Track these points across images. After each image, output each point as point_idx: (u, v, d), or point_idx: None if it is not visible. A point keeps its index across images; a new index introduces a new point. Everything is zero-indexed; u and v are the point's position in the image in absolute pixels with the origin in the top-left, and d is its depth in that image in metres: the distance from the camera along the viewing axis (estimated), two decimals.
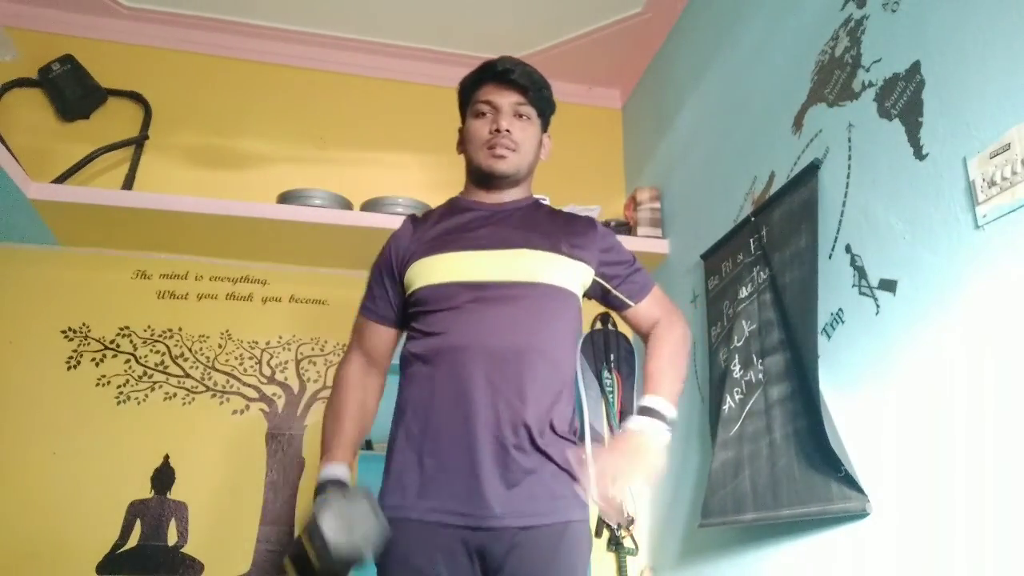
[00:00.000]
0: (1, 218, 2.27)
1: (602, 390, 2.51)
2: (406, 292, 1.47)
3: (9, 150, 2.11)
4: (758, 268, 1.87)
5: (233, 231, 2.38)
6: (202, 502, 2.32)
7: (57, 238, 2.41)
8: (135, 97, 2.61)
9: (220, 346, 2.49)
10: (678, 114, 2.57)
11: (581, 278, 1.49)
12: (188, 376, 2.44)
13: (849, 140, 1.62)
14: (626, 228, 2.64)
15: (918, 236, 1.38)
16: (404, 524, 1.29)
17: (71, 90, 2.50)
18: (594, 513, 1.48)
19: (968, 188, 1.27)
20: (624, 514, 1.33)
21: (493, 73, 1.51)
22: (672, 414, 1.40)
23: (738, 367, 1.89)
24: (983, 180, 1.23)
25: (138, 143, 2.54)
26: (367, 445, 2.33)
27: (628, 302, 1.54)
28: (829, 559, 1.53)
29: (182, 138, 2.63)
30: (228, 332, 2.51)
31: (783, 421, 1.67)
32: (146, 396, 2.38)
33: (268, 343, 2.53)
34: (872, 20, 1.59)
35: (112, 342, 2.41)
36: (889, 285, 1.44)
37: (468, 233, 1.46)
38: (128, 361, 2.41)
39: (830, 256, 1.62)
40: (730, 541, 1.91)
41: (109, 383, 2.37)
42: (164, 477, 2.32)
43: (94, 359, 2.39)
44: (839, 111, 1.66)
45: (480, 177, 1.52)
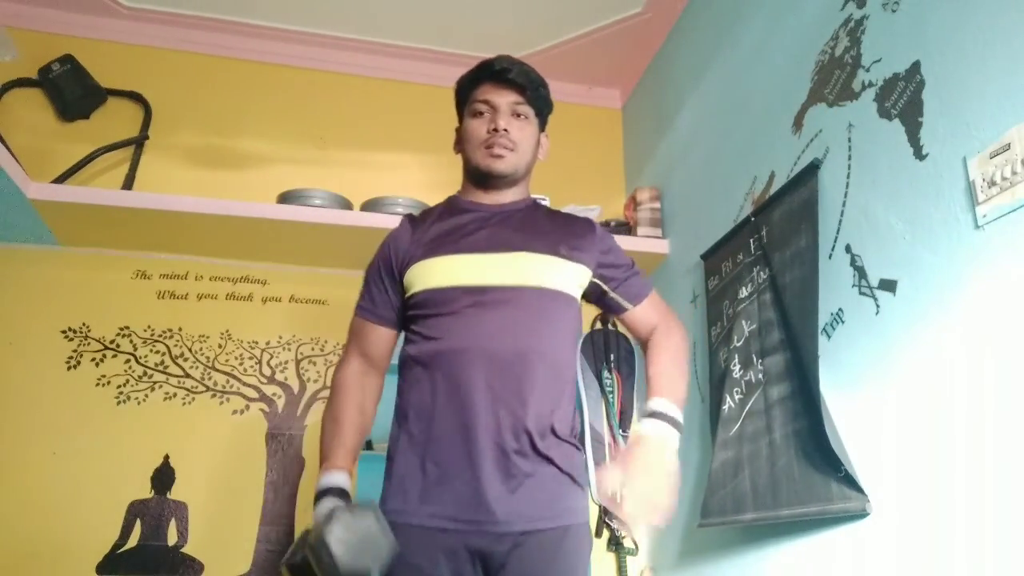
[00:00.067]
0: (1, 218, 2.27)
1: (602, 390, 2.51)
2: (406, 294, 1.47)
3: (9, 150, 2.11)
4: (758, 268, 1.87)
5: (233, 231, 2.38)
6: (202, 502, 2.32)
7: (57, 238, 2.41)
8: (135, 97, 2.61)
9: (220, 346, 2.49)
10: (678, 114, 2.57)
11: (580, 280, 1.48)
12: (188, 376, 2.44)
13: (849, 140, 1.61)
14: (626, 228, 2.64)
15: (918, 236, 1.38)
16: (406, 529, 1.29)
17: (71, 90, 2.50)
18: (594, 514, 1.47)
19: (968, 188, 1.27)
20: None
21: (490, 72, 1.50)
22: (680, 417, 1.38)
23: (738, 367, 1.89)
24: (983, 180, 1.23)
25: (138, 143, 2.54)
26: (367, 445, 2.32)
27: (626, 305, 1.53)
28: (829, 559, 1.53)
29: (182, 138, 2.64)
30: (228, 332, 2.51)
31: (783, 421, 1.67)
32: (146, 396, 2.38)
33: (268, 343, 2.53)
34: (872, 20, 1.59)
35: (112, 342, 2.42)
36: (889, 285, 1.44)
37: (467, 236, 1.46)
38: (128, 361, 2.41)
39: (830, 256, 1.62)
40: (730, 541, 1.91)
41: (109, 383, 2.37)
42: (164, 477, 2.32)
43: (94, 359, 2.39)
44: (839, 111, 1.66)
45: (478, 177, 1.51)
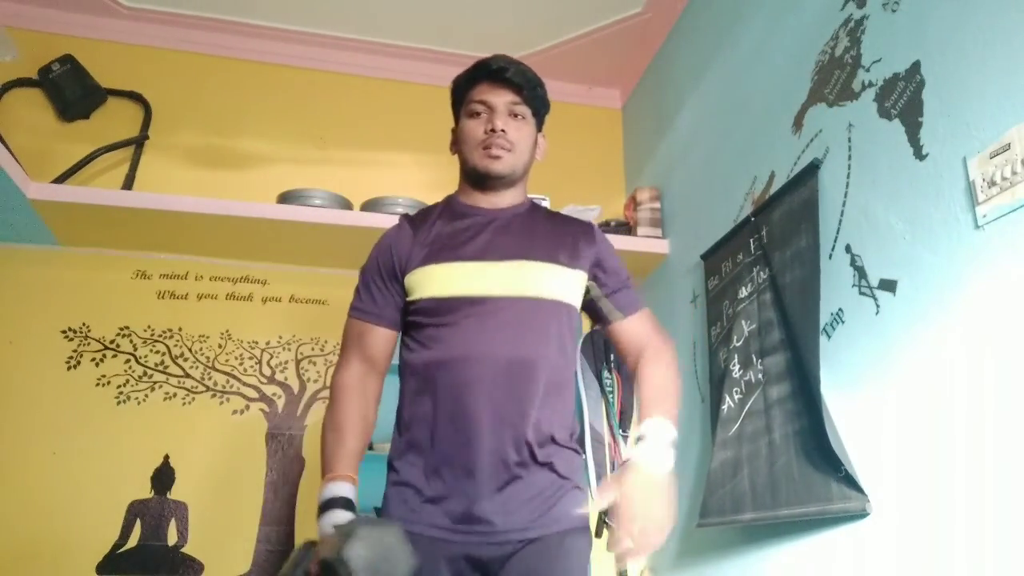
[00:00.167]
0: (1, 218, 2.27)
1: (602, 390, 2.51)
2: (408, 296, 1.45)
3: (9, 150, 2.11)
4: (758, 268, 1.87)
5: (233, 231, 2.38)
6: (202, 502, 2.32)
7: (57, 238, 2.41)
8: (135, 97, 2.61)
9: (220, 346, 2.49)
10: (678, 114, 2.57)
11: (579, 286, 1.47)
12: (188, 376, 2.44)
13: (849, 140, 1.61)
14: (626, 228, 2.64)
15: (918, 236, 1.38)
16: (407, 537, 1.29)
17: (71, 90, 2.50)
18: (594, 515, 1.47)
19: (968, 188, 1.27)
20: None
21: (487, 72, 1.48)
22: (674, 435, 1.33)
23: (737, 367, 1.89)
24: (983, 180, 1.23)
25: (138, 143, 2.54)
26: (367, 446, 2.33)
27: (617, 314, 1.49)
28: (829, 559, 1.53)
29: (182, 138, 2.63)
30: (228, 332, 2.51)
31: (782, 421, 1.67)
32: (146, 396, 2.38)
33: (268, 343, 2.53)
34: (872, 20, 1.59)
35: (112, 342, 2.41)
36: (889, 285, 1.44)
37: (466, 243, 1.44)
38: (128, 361, 2.41)
39: (830, 256, 1.62)
40: (730, 541, 1.91)
41: (109, 383, 2.37)
42: (164, 477, 2.32)
43: (94, 359, 2.39)
44: (839, 111, 1.66)
45: (476, 178, 1.50)
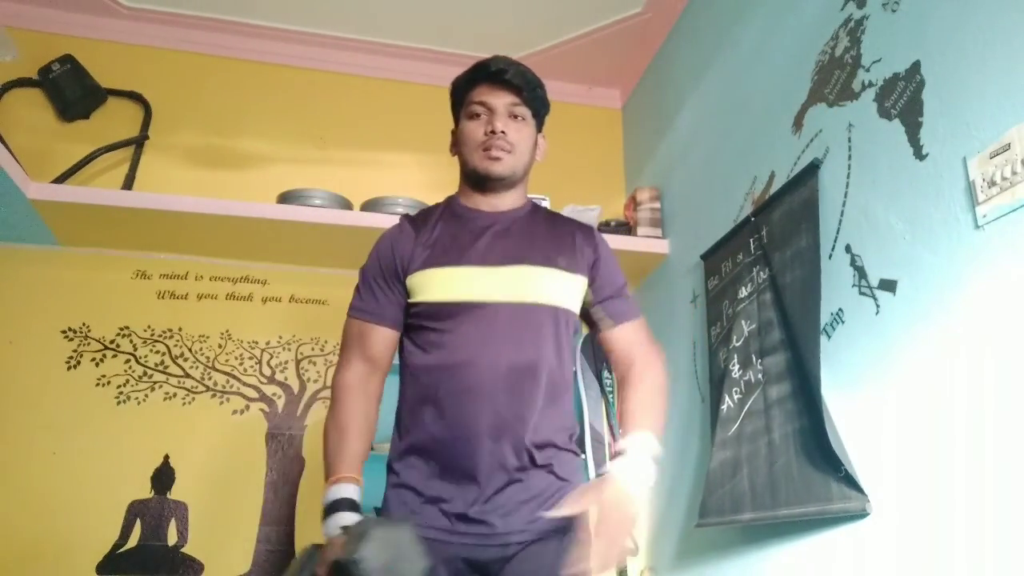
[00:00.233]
0: (1, 218, 2.27)
1: (602, 390, 2.51)
2: (409, 298, 1.45)
3: (9, 150, 2.11)
4: (758, 268, 1.87)
5: (233, 231, 2.38)
6: (202, 502, 2.32)
7: (57, 238, 2.41)
8: (135, 97, 2.61)
9: (220, 346, 2.49)
10: (678, 114, 2.57)
11: (577, 291, 1.47)
12: (188, 376, 2.44)
13: (849, 140, 1.61)
14: (626, 228, 2.64)
15: (918, 236, 1.38)
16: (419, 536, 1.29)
17: (71, 90, 2.50)
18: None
19: (968, 188, 1.27)
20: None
21: (487, 73, 1.47)
22: (657, 450, 1.33)
23: (737, 367, 1.89)
24: (983, 180, 1.23)
25: (138, 143, 2.54)
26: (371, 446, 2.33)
27: (608, 322, 1.49)
28: (829, 559, 1.53)
29: (182, 138, 2.64)
30: (228, 332, 2.51)
31: (782, 421, 1.67)
32: (146, 396, 2.38)
33: (268, 343, 2.53)
34: (872, 20, 1.59)
35: (112, 342, 2.42)
36: (889, 285, 1.44)
37: (467, 248, 1.43)
38: (128, 361, 2.41)
39: (830, 256, 1.62)
40: (730, 541, 1.91)
41: (109, 383, 2.37)
42: (164, 477, 2.32)
43: (94, 359, 2.39)
44: (839, 111, 1.66)
45: (476, 180, 1.49)
